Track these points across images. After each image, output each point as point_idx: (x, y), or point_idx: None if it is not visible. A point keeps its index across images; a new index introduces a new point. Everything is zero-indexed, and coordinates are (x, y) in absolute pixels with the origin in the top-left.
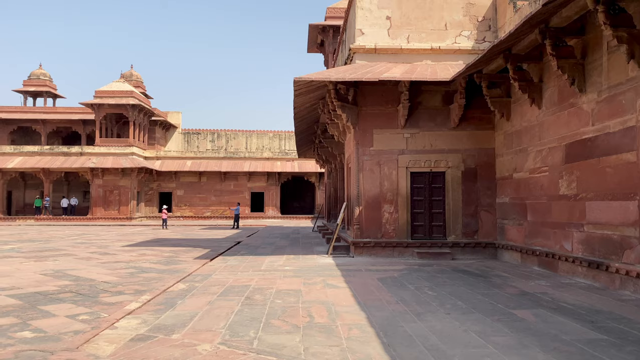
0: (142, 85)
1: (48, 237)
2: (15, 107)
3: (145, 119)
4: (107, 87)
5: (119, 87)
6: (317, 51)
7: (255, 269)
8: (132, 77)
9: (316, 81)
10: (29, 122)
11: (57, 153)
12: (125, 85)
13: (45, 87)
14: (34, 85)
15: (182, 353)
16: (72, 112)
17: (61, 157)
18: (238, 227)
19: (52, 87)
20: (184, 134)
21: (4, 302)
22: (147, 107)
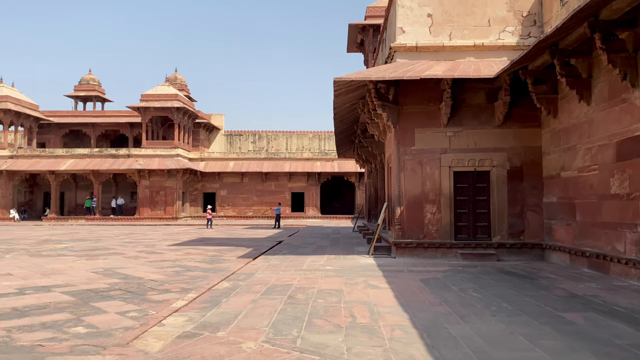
0: (186, 88)
1: (98, 237)
2: (67, 112)
3: (189, 121)
4: (153, 91)
5: (164, 91)
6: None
7: (297, 268)
8: (177, 81)
9: (356, 81)
10: (80, 125)
11: (106, 155)
12: (170, 89)
13: (95, 92)
14: (84, 90)
15: (227, 351)
16: (120, 115)
17: (110, 159)
18: (279, 227)
19: (101, 91)
20: (227, 136)
21: (59, 299)
22: (191, 109)
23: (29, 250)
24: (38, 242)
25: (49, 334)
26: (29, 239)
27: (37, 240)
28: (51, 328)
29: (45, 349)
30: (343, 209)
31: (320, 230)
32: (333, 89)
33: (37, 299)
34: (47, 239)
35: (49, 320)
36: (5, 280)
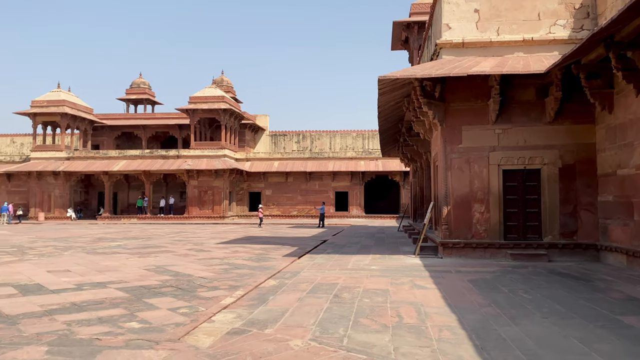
0: (232, 90)
1: (149, 235)
2: (119, 115)
3: (235, 122)
4: (200, 93)
5: (211, 93)
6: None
7: (342, 267)
8: (223, 83)
9: (401, 79)
10: (131, 128)
11: (156, 156)
12: (217, 91)
13: (145, 95)
14: (135, 94)
15: (275, 347)
16: (169, 117)
17: (160, 160)
18: (323, 226)
19: (151, 94)
20: (271, 136)
21: (114, 295)
22: (237, 111)
23: (85, 247)
24: (93, 240)
25: (105, 328)
26: (85, 237)
27: (93, 238)
28: (107, 322)
29: (103, 343)
30: (387, 209)
31: (364, 230)
32: (377, 88)
33: (93, 295)
34: (101, 237)
35: (105, 315)
36: (64, 276)
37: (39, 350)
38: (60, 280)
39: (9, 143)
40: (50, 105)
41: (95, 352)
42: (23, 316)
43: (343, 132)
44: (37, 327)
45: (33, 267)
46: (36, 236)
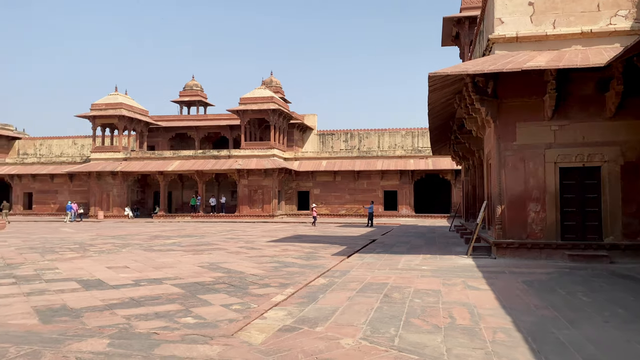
0: (281, 90)
1: (202, 233)
2: (173, 116)
3: (284, 122)
4: (250, 94)
5: (260, 94)
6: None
7: (392, 267)
8: (272, 83)
9: (452, 75)
10: (185, 129)
11: (208, 156)
12: (266, 92)
13: (198, 97)
14: (188, 96)
15: (326, 345)
16: (220, 118)
17: (212, 160)
18: (372, 225)
19: (203, 96)
20: (319, 135)
21: (169, 291)
22: (285, 111)
23: (142, 245)
24: (149, 237)
25: (162, 323)
26: (142, 235)
27: (149, 236)
28: (164, 318)
29: (160, 337)
30: (438, 208)
31: (414, 229)
32: (428, 85)
33: (150, 290)
34: (157, 235)
35: (161, 310)
36: (123, 272)
37: (101, 343)
38: (119, 276)
39: (70, 145)
40: (109, 108)
41: (154, 346)
42: (86, 310)
43: (392, 131)
44: (99, 321)
45: (94, 264)
46: (96, 234)
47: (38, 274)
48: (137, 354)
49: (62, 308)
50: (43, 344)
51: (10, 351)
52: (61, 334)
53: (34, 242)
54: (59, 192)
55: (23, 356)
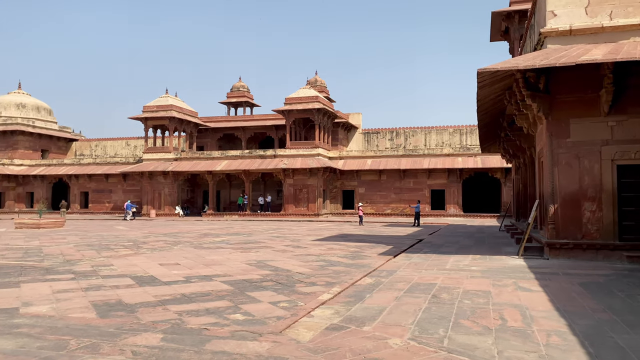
0: (326, 89)
1: (249, 231)
2: (221, 117)
3: (328, 121)
4: (295, 94)
5: (305, 93)
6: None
7: (440, 267)
8: (317, 83)
9: (502, 71)
10: (232, 129)
11: (255, 156)
12: (311, 91)
13: (244, 98)
14: (235, 97)
15: (374, 345)
16: (266, 118)
17: (258, 160)
18: (419, 225)
19: (250, 97)
20: (364, 134)
21: (219, 287)
22: (330, 110)
23: (192, 242)
24: (199, 235)
25: (212, 319)
26: (192, 233)
27: (198, 234)
28: (214, 314)
29: (210, 333)
30: (487, 207)
31: (462, 229)
32: (477, 81)
33: (201, 287)
34: (206, 233)
35: (211, 307)
36: (174, 269)
37: (155, 337)
38: (171, 273)
39: (124, 146)
40: (160, 110)
41: (205, 341)
42: (140, 305)
43: (439, 128)
44: (152, 316)
45: (147, 260)
46: (149, 231)
47: (95, 270)
48: (189, 349)
49: (117, 303)
50: (101, 337)
51: (71, 343)
52: (117, 328)
53: (90, 239)
54: (113, 191)
55: (83, 348)
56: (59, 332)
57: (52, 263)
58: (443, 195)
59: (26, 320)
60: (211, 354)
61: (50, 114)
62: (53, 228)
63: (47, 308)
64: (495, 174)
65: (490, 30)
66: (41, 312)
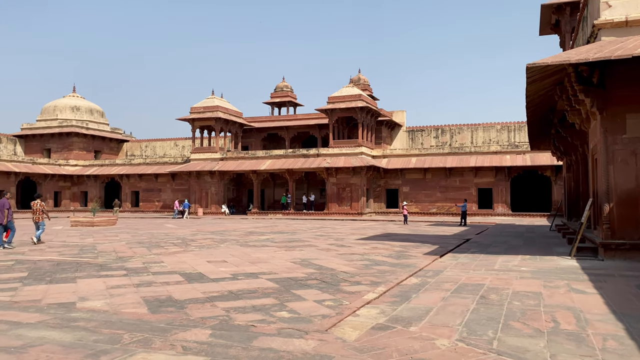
0: (369, 88)
1: (293, 230)
2: (265, 117)
3: (372, 119)
4: (338, 93)
5: (348, 92)
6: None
7: (488, 268)
8: (360, 81)
9: (552, 65)
10: (275, 129)
11: (298, 155)
12: (354, 90)
13: (288, 98)
14: (279, 97)
15: (421, 346)
16: (309, 118)
17: (301, 159)
18: (465, 224)
19: (293, 97)
20: (408, 132)
21: (265, 285)
22: (373, 108)
23: (239, 240)
24: (245, 233)
25: (258, 316)
26: (238, 231)
27: (244, 232)
28: (260, 311)
29: (257, 330)
30: (537, 206)
31: (511, 229)
32: (526, 76)
33: (247, 284)
34: (252, 231)
35: (258, 304)
36: (221, 266)
37: (204, 333)
38: (218, 270)
39: (172, 146)
40: (206, 111)
41: (252, 338)
42: (189, 301)
43: (486, 125)
44: (201, 312)
45: (195, 258)
46: (196, 229)
47: (146, 266)
48: (237, 345)
49: (167, 299)
50: (152, 332)
51: (124, 337)
52: (168, 324)
53: (141, 237)
54: (162, 190)
55: (136, 342)
56: (113, 327)
57: (106, 260)
58: (490, 194)
59: (82, 314)
60: (258, 351)
61: (102, 116)
62: (106, 226)
63: (102, 303)
64: (545, 171)
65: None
66: (96, 307)
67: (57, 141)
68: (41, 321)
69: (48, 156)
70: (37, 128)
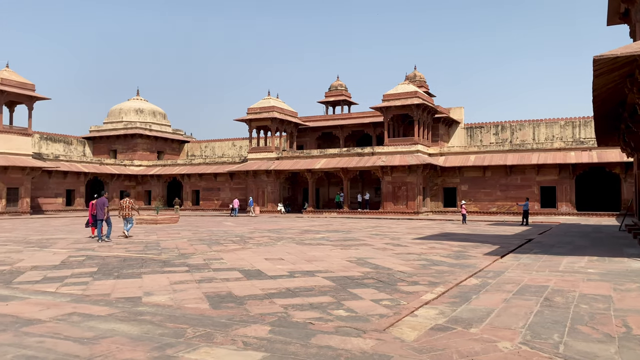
0: (425, 84)
1: (348, 229)
2: (319, 117)
3: (428, 117)
4: (393, 90)
5: (403, 89)
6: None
7: (552, 269)
8: (416, 78)
9: (622, 57)
10: (330, 128)
11: (352, 154)
12: (410, 87)
13: (342, 97)
14: (333, 96)
15: (483, 348)
16: (364, 116)
17: (356, 158)
18: (527, 224)
19: (347, 95)
20: (466, 129)
21: (321, 283)
22: (430, 105)
23: (294, 239)
24: (300, 232)
25: (316, 314)
26: (293, 229)
27: (300, 230)
28: (317, 309)
29: (315, 327)
30: (604, 205)
31: (576, 229)
32: (592, 69)
33: (304, 282)
34: (307, 230)
35: (315, 302)
36: (278, 264)
37: (263, 329)
38: (276, 267)
39: (230, 146)
40: (262, 112)
41: (310, 335)
42: (248, 297)
43: (548, 121)
44: (260, 308)
45: (253, 255)
46: (254, 227)
47: (206, 263)
48: (295, 342)
49: (228, 295)
50: (214, 327)
51: (188, 332)
52: (229, 319)
53: (201, 234)
54: (221, 189)
55: (198, 337)
56: (177, 321)
57: (169, 256)
58: (554, 193)
59: (148, 308)
60: (317, 348)
61: (164, 117)
62: (168, 224)
63: (166, 298)
64: (613, 169)
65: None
66: (161, 302)
67: (123, 142)
68: (110, 314)
69: (114, 157)
70: (104, 130)
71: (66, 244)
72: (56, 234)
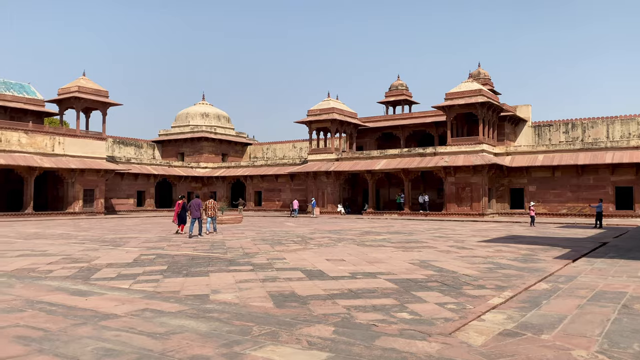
0: (490, 82)
1: (410, 230)
2: (379, 117)
3: (493, 115)
4: (456, 89)
5: (467, 87)
6: None
7: (630, 274)
8: (480, 76)
9: None
10: (390, 128)
11: (414, 154)
12: (474, 85)
13: (403, 96)
14: (393, 96)
15: (555, 355)
16: (425, 116)
17: (417, 158)
18: (601, 226)
19: (408, 95)
20: (534, 127)
21: (384, 285)
22: (495, 103)
23: (355, 240)
24: (361, 233)
25: (379, 316)
26: (354, 230)
27: (360, 231)
28: (380, 311)
29: (379, 329)
30: None
31: None
32: None
33: (366, 284)
34: (368, 231)
35: (377, 304)
36: (340, 265)
37: (327, 329)
38: (337, 268)
39: (290, 148)
40: (322, 113)
41: (374, 337)
42: (311, 297)
43: (624, 118)
44: (323, 309)
45: (314, 255)
46: (314, 228)
47: (270, 262)
48: (359, 343)
49: (291, 294)
50: (279, 325)
51: (254, 330)
52: (293, 318)
53: (264, 234)
54: (282, 190)
55: (264, 335)
56: (243, 319)
57: (234, 255)
58: (631, 193)
59: (215, 306)
60: (381, 350)
61: (228, 121)
62: (233, 224)
63: (232, 296)
64: None
65: None
66: (227, 300)
67: (189, 145)
68: (180, 311)
69: (182, 159)
70: (172, 134)
71: (138, 243)
72: (128, 233)
